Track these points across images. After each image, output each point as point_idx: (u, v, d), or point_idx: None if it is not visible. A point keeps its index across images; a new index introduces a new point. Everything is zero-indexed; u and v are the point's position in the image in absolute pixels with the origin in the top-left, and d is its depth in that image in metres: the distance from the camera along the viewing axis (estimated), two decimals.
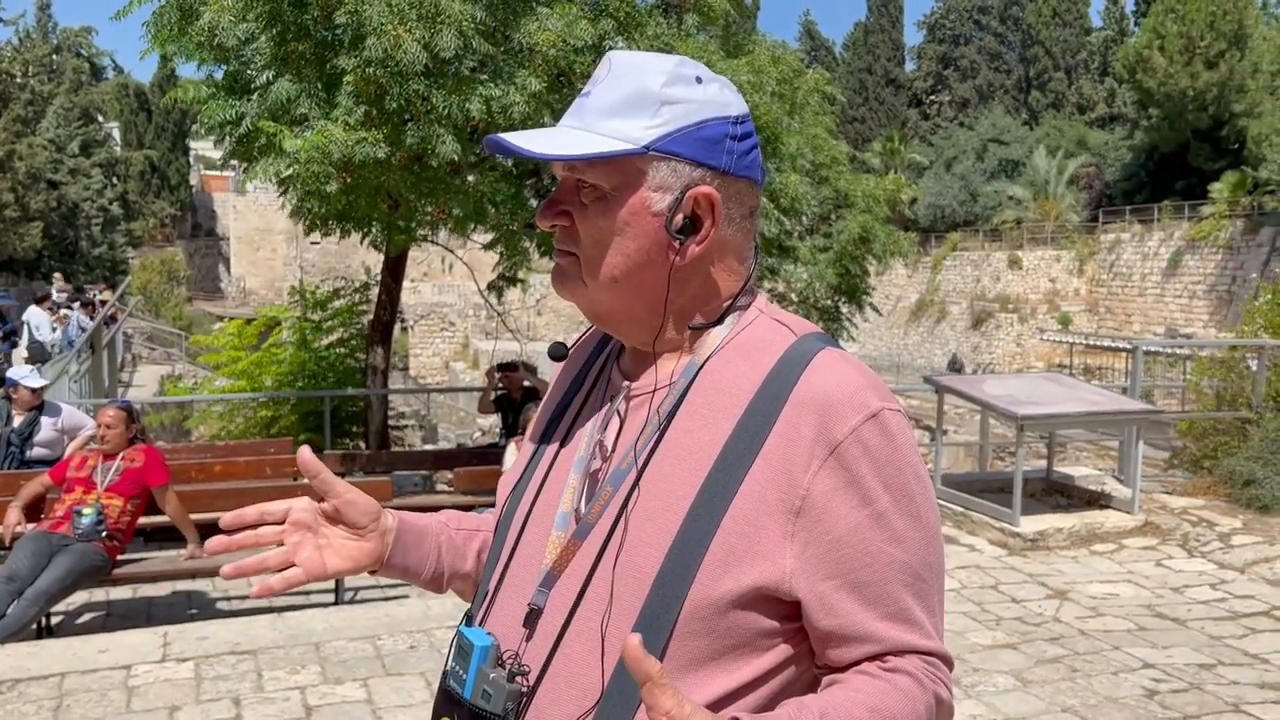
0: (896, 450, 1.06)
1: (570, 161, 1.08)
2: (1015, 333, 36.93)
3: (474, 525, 1.35)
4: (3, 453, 6.61)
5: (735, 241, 1.14)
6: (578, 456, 1.17)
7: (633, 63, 1.11)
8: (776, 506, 1.03)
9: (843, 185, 10.94)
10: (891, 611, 1.05)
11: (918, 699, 1.03)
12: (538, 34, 6.41)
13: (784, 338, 1.12)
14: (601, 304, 1.13)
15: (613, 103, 1.09)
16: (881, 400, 1.07)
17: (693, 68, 1.11)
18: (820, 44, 62.05)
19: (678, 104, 1.08)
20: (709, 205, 1.09)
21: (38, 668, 4.36)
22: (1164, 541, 6.56)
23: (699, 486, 1.05)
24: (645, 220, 1.09)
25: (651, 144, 1.07)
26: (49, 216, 35.57)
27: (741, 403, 1.07)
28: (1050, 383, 7.51)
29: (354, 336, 11.92)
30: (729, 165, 1.10)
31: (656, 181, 1.08)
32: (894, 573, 1.05)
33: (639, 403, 1.14)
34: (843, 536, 1.04)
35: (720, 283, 1.14)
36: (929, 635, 1.07)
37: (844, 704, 0.99)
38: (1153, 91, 37.88)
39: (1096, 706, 4.17)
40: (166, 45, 6.97)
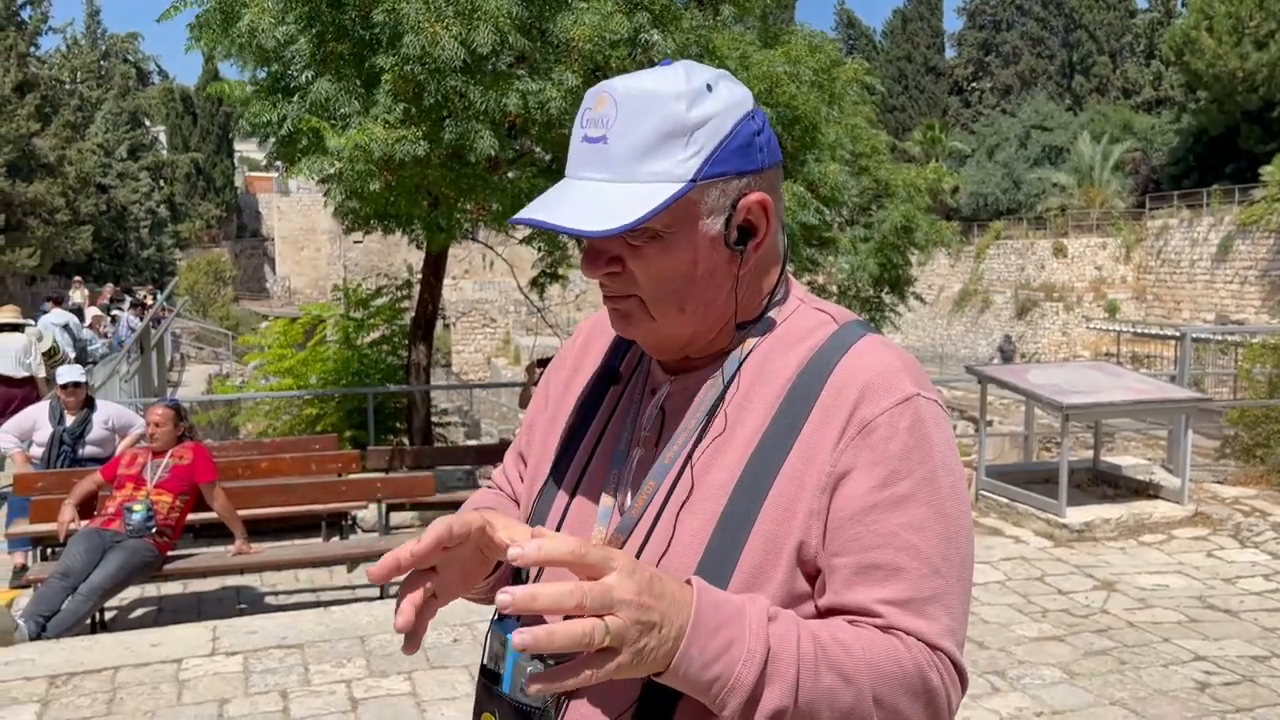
0: (927, 438, 1.04)
1: (614, 234, 1.00)
2: (1061, 322, 36.39)
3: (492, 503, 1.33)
4: (55, 451, 6.75)
5: (777, 227, 1.12)
6: (617, 450, 1.16)
7: (643, 92, 1.03)
8: (812, 486, 1.03)
9: (883, 175, 10.85)
10: (901, 599, 1.01)
11: (903, 658, 0.98)
12: (573, 29, 6.42)
13: (826, 327, 1.12)
14: (669, 334, 1.11)
15: (640, 144, 1.02)
16: (918, 387, 1.06)
17: (699, 76, 1.06)
18: (859, 32, 61.52)
19: (706, 124, 1.03)
20: (762, 210, 1.08)
21: (91, 662, 4.45)
22: (1215, 532, 6.44)
23: (739, 476, 1.05)
24: (705, 245, 1.06)
25: (697, 175, 1.03)
26: (99, 220, 36.26)
27: (781, 391, 1.07)
28: (1096, 371, 7.40)
29: (397, 334, 12.02)
30: (763, 161, 1.09)
31: (708, 206, 1.05)
32: (908, 559, 1.01)
33: (682, 398, 1.13)
34: (859, 514, 1.02)
35: (765, 278, 1.14)
36: (939, 634, 1.01)
37: (821, 625, 0.99)
38: (1201, 73, 37.13)
39: (1146, 699, 4.11)
40: (209, 44, 7.06)
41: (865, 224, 10.96)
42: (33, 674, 4.32)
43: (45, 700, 4.08)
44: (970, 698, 4.12)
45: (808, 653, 0.94)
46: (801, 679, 0.93)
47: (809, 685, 0.93)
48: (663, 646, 0.89)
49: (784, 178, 3.90)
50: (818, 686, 0.94)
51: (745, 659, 0.91)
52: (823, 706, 0.94)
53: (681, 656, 0.90)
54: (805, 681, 0.93)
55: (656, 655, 0.89)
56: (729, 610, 0.93)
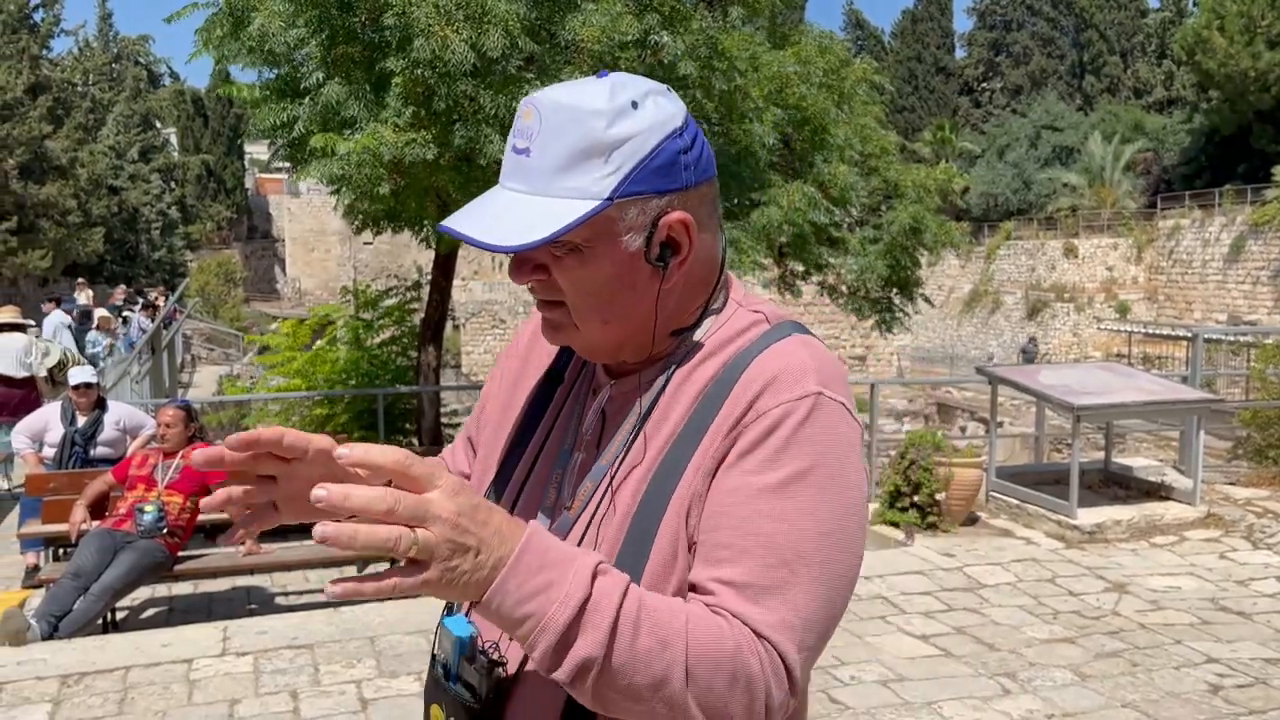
0: (815, 436, 1.02)
1: (527, 249, 1.03)
2: (1072, 322, 36.27)
3: None
4: (67, 452, 6.78)
5: (707, 245, 1.13)
6: (561, 450, 1.19)
7: (565, 108, 1.04)
8: (702, 473, 1.05)
9: (892, 175, 10.81)
10: (737, 581, 0.98)
11: (725, 637, 0.95)
12: (582, 30, 6.42)
13: (758, 327, 1.13)
14: (595, 342, 1.13)
15: (560, 159, 1.03)
16: (823, 386, 1.05)
17: (626, 91, 1.06)
18: (868, 33, 61.43)
19: (626, 142, 1.04)
20: (684, 229, 1.08)
21: (103, 661, 4.47)
22: (1227, 533, 6.41)
23: (650, 479, 1.07)
24: (624, 260, 1.07)
25: (613, 193, 1.04)
26: (110, 222, 36.38)
27: (700, 393, 1.09)
28: (1107, 372, 7.37)
29: (406, 335, 12.03)
30: (689, 180, 1.08)
31: (627, 224, 1.06)
32: (755, 544, 0.99)
33: (622, 401, 1.16)
34: (725, 494, 1.02)
35: (699, 286, 1.14)
36: (771, 624, 0.97)
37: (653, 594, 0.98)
38: (1212, 73, 36.96)
39: (1158, 702, 4.09)
40: (219, 49, 7.08)
41: (874, 225, 10.92)
42: (45, 674, 4.34)
43: (57, 700, 4.09)
44: (981, 700, 4.11)
45: (629, 611, 0.93)
46: (618, 635, 0.92)
47: (625, 643, 0.92)
48: (477, 573, 0.90)
49: (794, 177, 3.93)
50: (634, 647, 0.92)
51: (561, 601, 0.91)
52: (637, 668, 0.92)
53: (497, 588, 0.90)
54: (621, 638, 0.92)
55: (470, 580, 0.89)
56: (557, 555, 0.93)
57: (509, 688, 1.09)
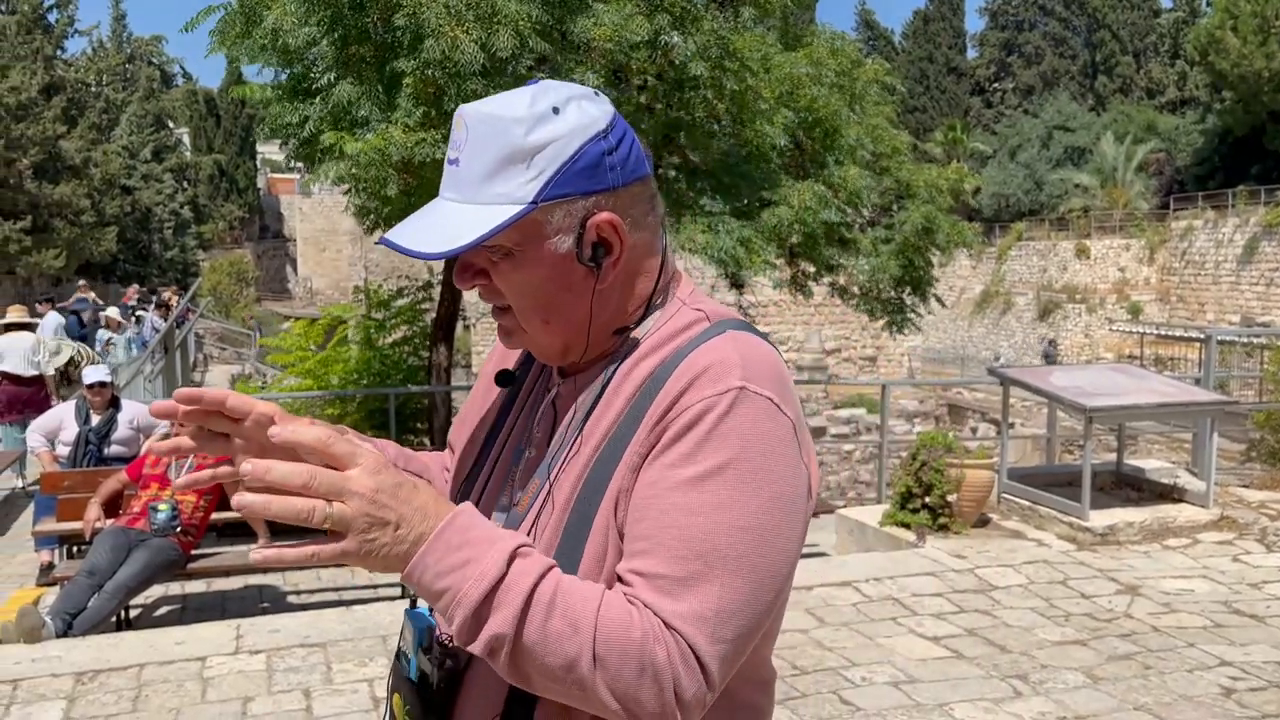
0: (736, 428, 1.03)
1: (468, 251, 1.07)
2: (1083, 323, 36.16)
3: (416, 468, 1.39)
4: (81, 451, 6.81)
5: (643, 241, 1.14)
6: (518, 449, 1.23)
7: (487, 115, 1.08)
8: (635, 466, 1.06)
9: (904, 176, 10.78)
10: (650, 572, 1.00)
11: (633, 625, 0.97)
12: (594, 30, 6.42)
13: (698, 325, 1.14)
14: (541, 344, 1.16)
15: (485, 167, 1.07)
16: (748, 380, 1.05)
17: (547, 98, 1.10)
18: (879, 34, 61.33)
19: (546, 147, 1.07)
20: (612, 229, 1.10)
21: (117, 659, 4.49)
22: (1241, 536, 6.38)
23: (585, 477, 1.09)
24: (557, 262, 1.09)
25: (537, 197, 1.06)
26: (123, 221, 36.55)
27: (636, 390, 1.11)
28: (1119, 374, 7.34)
29: (417, 335, 12.06)
30: (616, 180, 1.10)
31: (554, 227, 1.08)
32: (670, 537, 1.00)
33: (567, 399, 1.19)
34: (646, 487, 1.04)
35: (638, 284, 1.16)
36: (680, 614, 0.98)
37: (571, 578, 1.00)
38: (1226, 74, 36.82)
39: (1171, 705, 4.08)
40: (232, 48, 7.11)
41: (886, 225, 10.89)
42: (60, 671, 4.36)
43: (72, 697, 4.12)
44: (992, 702, 4.10)
45: (544, 592, 0.96)
46: (529, 614, 0.95)
47: (537, 623, 0.95)
48: (397, 546, 0.95)
49: (804, 178, 3.92)
50: (546, 628, 0.95)
51: (476, 578, 0.95)
52: (549, 649, 0.95)
53: (417, 561, 0.95)
54: (533, 618, 0.95)
55: (390, 553, 0.95)
56: (479, 534, 0.97)
57: (460, 677, 1.13)
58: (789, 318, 28.20)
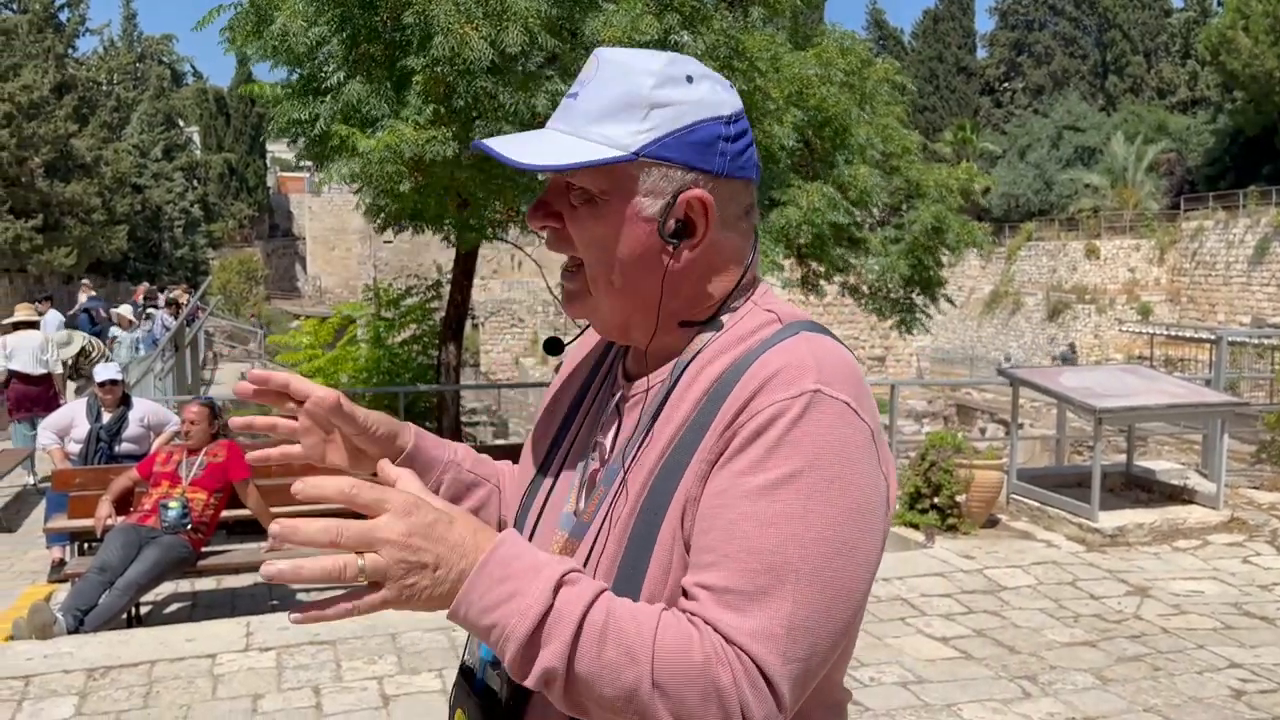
0: (810, 434, 0.98)
1: (554, 172, 1.07)
2: (1093, 324, 36.02)
3: (485, 472, 1.37)
4: (92, 448, 6.85)
5: (731, 242, 1.12)
6: (583, 456, 1.19)
7: (621, 62, 1.08)
8: (703, 474, 1.02)
9: (914, 175, 10.77)
10: (717, 585, 0.95)
11: (694, 648, 0.92)
12: (603, 30, 6.43)
13: (770, 327, 1.10)
14: (605, 312, 1.13)
15: (602, 106, 1.06)
16: (822, 383, 1.00)
17: (684, 65, 1.08)
18: (888, 33, 61.18)
19: (668, 107, 1.06)
20: (702, 209, 1.07)
21: (128, 655, 4.51)
22: (1251, 538, 6.36)
23: (652, 481, 1.05)
24: (637, 225, 1.07)
25: (641, 150, 1.05)
26: (134, 220, 36.66)
27: (705, 391, 1.07)
28: (1129, 375, 7.33)
29: (427, 334, 12.09)
30: (722, 168, 1.08)
31: (647, 186, 1.06)
32: (738, 549, 0.95)
33: (634, 403, 1.15)
34: (714, 496, 0.99)
35: (715, 283, 1.12)
36: (747, 631, 0.93)
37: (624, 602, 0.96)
38: (1237, 73, 36.65)
39: (1180, 706, 4.07)
40: (243, 48, 7.13)
41: (896, 224, 10.88)
42: (71, 667, 4.39)
43: (83, 693, 4.14)
44: (1001, 702, 4.10)
45: (595, 621, 0.92)
46: (581, 645, 0.91)
47: (590, 654, 0.91)
48: (438, 587, 0.92)
49: (814, 179, 3.94)
50: (600, 658, 0.91)
51: (521, 612, 0.91)
52: (605, 680, 0.91)
53: (461, 599, 0.92)
54: (586, 649, 0.91)
55: (432, 594, 0.92)
56: (522, 565, 0.93)
57: (528, 695, 1.08)
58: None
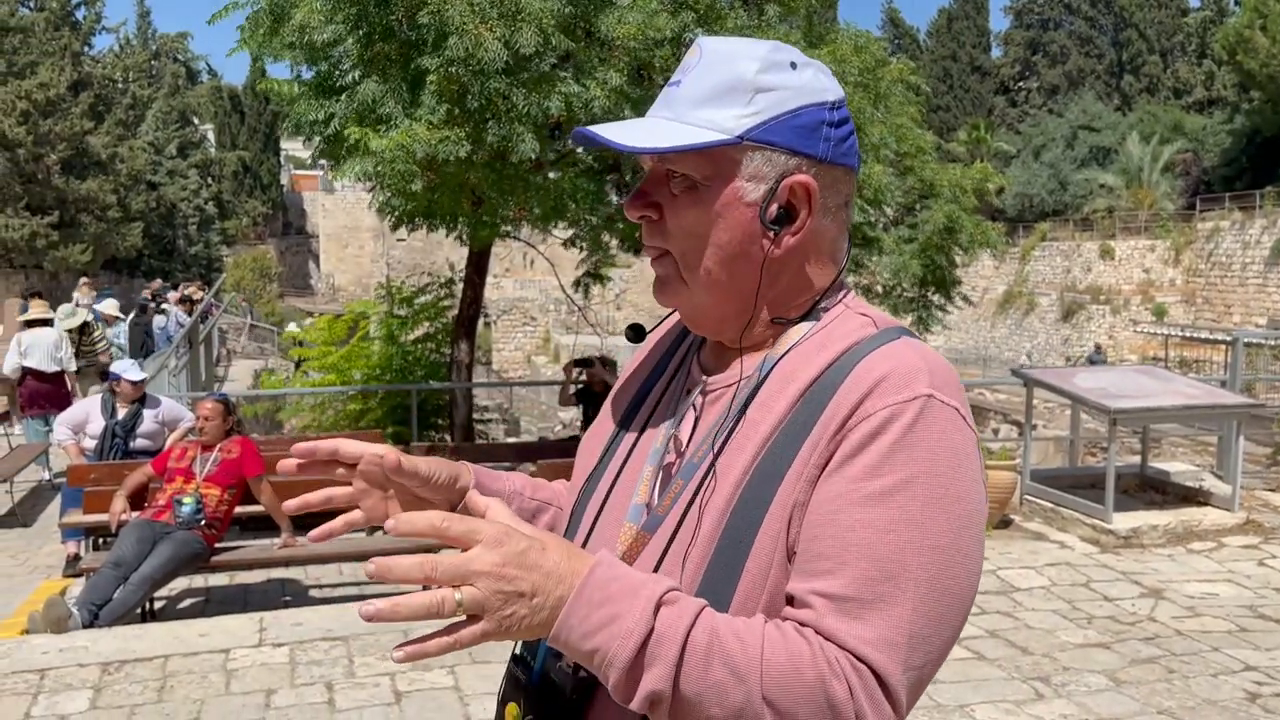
0: (925, 440, 0.96)
1: (662, 154, 1.05)
2: (1107, 325, 35.85)
3: (546, 497, 1.35)
4: (108, 444, 6.89)
5: (830, 232, 1.10)
6: (654, 449, 1.15)
7: (725, 50, 1.07)
8: (805, 478, 1.00)
9: (928, 175, 10.74)
10: (835, 594, 0.93)
11: (805, 663, 0.90)
12: (618, 28, 6.43)
13: (865, 330, 1.08)
14: (699, 302, 1.10)
15: (705, 91, 1.06)
16: (934, 389, 0.99)
17: (788, 53, 1.08)
18: (904, 32, 60.98)
19: (772, 91, 1.05)
20: (805, 194, 1.06)
21: (143, 650, 4.54)
22: (1266, 540, 6.32)
23: (750, 476, 1.02)
24: (739, 210, 1.06)
25: (746, 133, 1.04)
26: (149, 217, 36.84)
27: (804, 389, 1.04)
28: (1144, 376, 7.29)
29: (439, 331, 12.12)
30: (826, 153, 1.07)
31: (750, 171, 1.05)
32: (856, 556, 0.93)
33: (715, 397, 1.12)
34: (827, 501, 0.96)
35: (812, 276, 1.11)
36: (866, 640, 0.91)
37: (726, 619, 0.94)
38: (1254, 73, 36.42)
39: (1195, 709, 4.05)
40: (259, 46, 7.16)
41: (910, 224, 10.86)
42: (86, 661, 4.41)
43: (98, 687, 4.16)
44: (1014, 703, 4.08)
45: (699, 642, 0.90)
46: (685, 666, 0.89)
47: (695, 675, 0.89)
48: (537, 615, 0.90)
49: None
50: (706, 678, 0.89)
51: (624, 636, 0.89)
52: (711, 700, 0.89)
53: (560, 625, 0.91)
54: (691, 670, 0.89)
55: (531, 623, 0.90)
56: (620, 586, 0.91)
57: (594, 688, 1.05)
58: None
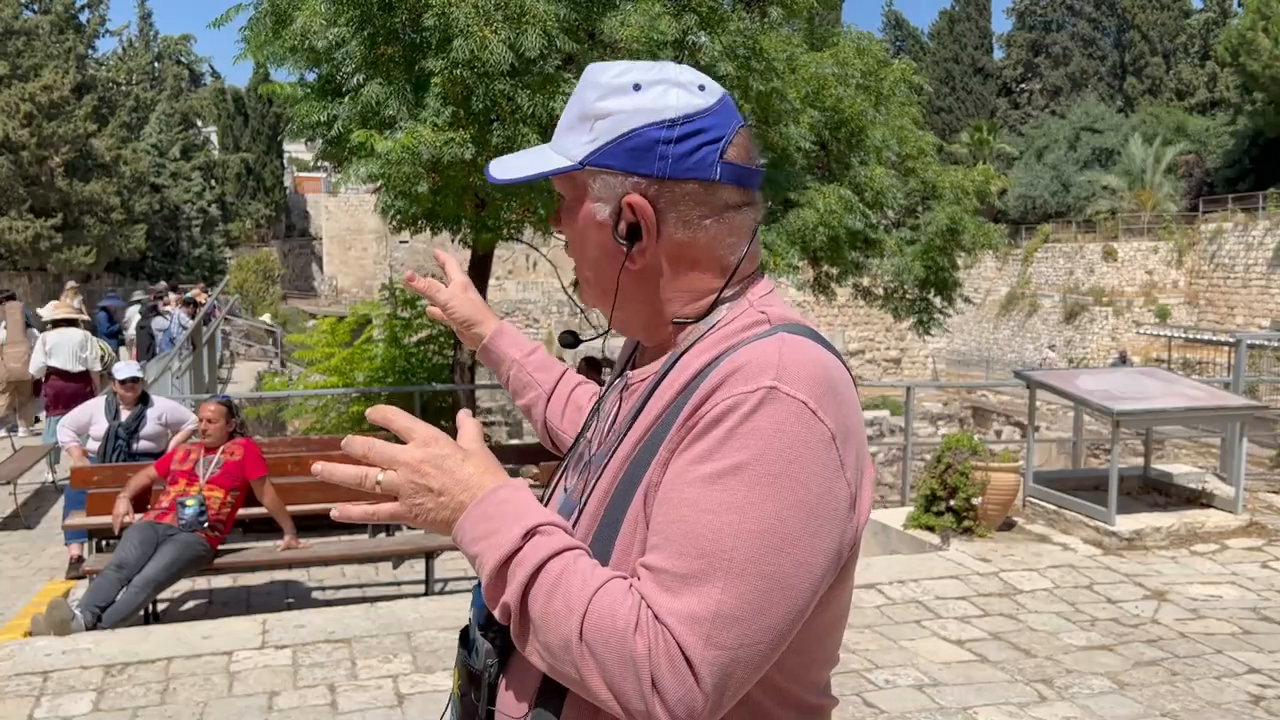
0: (761, 428, 1.00)
1: (513, 184, 1.19)
2: (1110, 326, 35.81)
3: (542, 379, 1.61)
4: (111, 446, 6.89)
5: (702, 240, 1.15)
6: (583, 441, 1.30)
7: (587, 77, 1.17)
8: (664, 460, 1.07)
9: (930, 176, 10.74)
10: (655, 566, 1.00)
11: (620, 612, 0.97)
12: (621, 31, 6.44)
13: (758, 327, 1.13)
14: (593, 304, 1.24)
15: (567, 120, 1.17)
16: (780, 381, 1.02)
17: (637, 73, 1.14)
18: (906, 33, 61.00)
19: (607, 118, 1.13)
20: (640, 213, 1.13)
21: (145, 652, 4.54)
22: (1270, 542, 6.31)
23: (628, 464, 1.12)
24: (594, 229, 1.16)
25: (585, 159, 1.14)
26: (152, 219, 36.94)
27: (685, 383, 1.11)
28: (1147, 377, 7.28)
29: (443, 334, 12.13)
30: (664, 170, 1.12)
31: (596, 193, 1.15)
32: (679, 533, 0.99)
33: (632, 392, 1.22)
34: (668, 481, 1.04)
35: (699, 280, 1.17)
36: (675, 611, 0.96)
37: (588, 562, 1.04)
38: (1257, 75, 36.39)
39: (1198, 712, 4.04)
40: (261, 51, 7.17)
41: (912, 226, 10.85)
42: (89, 663, 4.41)
43: (101, 689, 4.17)
44: (1017, 706, 4.08)
45: (551, 571, 1.01)
46: (534, 590, 1.01)
47: (540, 599, 1.00)
48: (440, 512, 1.07)
49: (830, 180, 3.96)
50: (548, 605, 1.00)
51: (495, 548, 1.03)
52: (549, 628, 1.00)
53: (457, 526, 1.06)
54: (537, 594, 1.01)
55: (435, 516, 1.07)
56: (510, 508, 1.05)
57: (507, 657, 1.15)
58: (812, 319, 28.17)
